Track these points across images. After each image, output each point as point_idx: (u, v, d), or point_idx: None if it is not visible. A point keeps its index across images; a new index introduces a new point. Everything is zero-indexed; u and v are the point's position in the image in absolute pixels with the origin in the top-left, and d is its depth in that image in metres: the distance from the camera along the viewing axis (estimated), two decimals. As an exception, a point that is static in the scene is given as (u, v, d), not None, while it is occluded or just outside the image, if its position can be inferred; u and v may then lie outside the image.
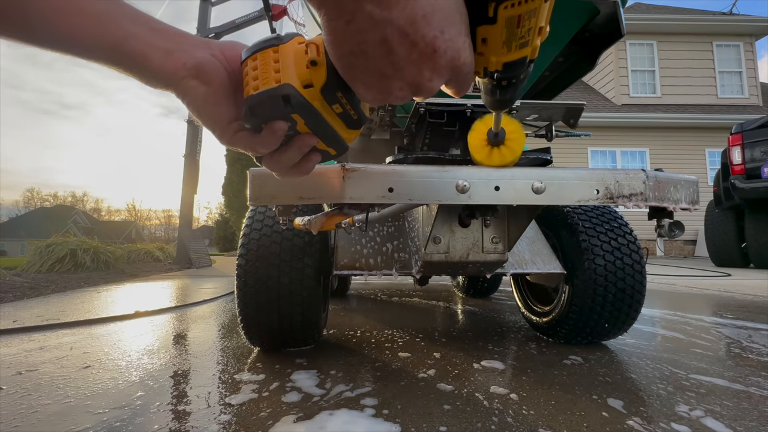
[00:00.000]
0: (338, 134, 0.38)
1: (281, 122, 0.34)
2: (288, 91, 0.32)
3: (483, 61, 0.32)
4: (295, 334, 1.10)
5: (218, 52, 0.34)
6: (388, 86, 0.30)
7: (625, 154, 10.28)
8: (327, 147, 0.39)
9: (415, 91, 0.31)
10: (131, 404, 0.79)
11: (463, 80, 0.32)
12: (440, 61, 0.28)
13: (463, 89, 0.33)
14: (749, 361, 1.09)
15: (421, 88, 0.30)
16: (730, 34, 10.75)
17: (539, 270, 1.16)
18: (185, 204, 5.90)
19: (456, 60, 0.29)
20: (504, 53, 0.31)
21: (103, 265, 4.39)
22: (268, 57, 0.33)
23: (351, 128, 0.39)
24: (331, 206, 0.91)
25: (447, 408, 0.76)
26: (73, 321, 1.62)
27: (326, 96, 0.34)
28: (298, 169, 0.39)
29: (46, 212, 37.15)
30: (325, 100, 0.34)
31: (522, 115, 1.08)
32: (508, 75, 0.33)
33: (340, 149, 0.41)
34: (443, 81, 0.31)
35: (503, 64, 0.32)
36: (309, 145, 0.37)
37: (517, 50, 0.30)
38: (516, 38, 0.29)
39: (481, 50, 0.31)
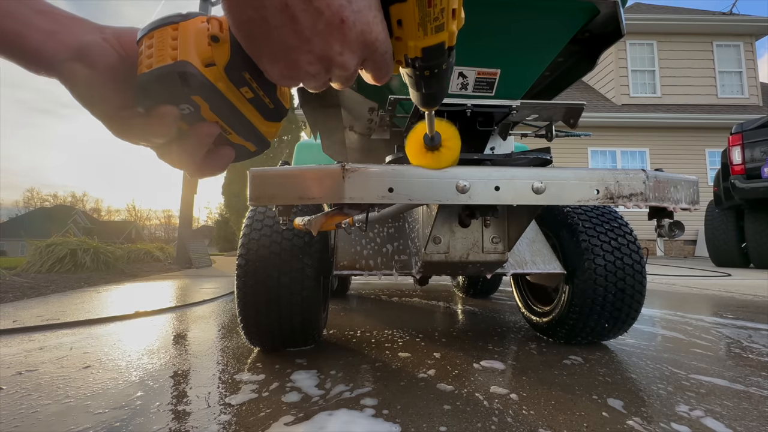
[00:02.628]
0: (254, 125, 0.35)
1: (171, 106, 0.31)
2: (185, 69, 0.29)
3: (402, 47, 0.31)
4: (295, 334, 1.10)
5: (111, 36, 0.32)
6: (296, 60, 0.28)
7: (625, 154, 10.28)
8: (243, 141, 0.36)
9: (327, 66, 0.29)
10: (131, 404, 0.79)
11: (381, 62, 0.30)
12: (350, 34, 0.27)
13: (382, 74, 0.31)
14: (749, 361, 1.09)
15: (333, 63, 0.29)
16: (730, 34, 10.75)
17: (539, 270, 1.16)
18: (185, 204, 5.91)
19: (367, 34, 0.28)
20: (421, 37, 0.30)
21: (103, 265, 4.39)
22: (165, 34, 0.30)
23: (269, 120, 0.36)
24: (331, 206, 0.91)
25: (447, 408, 0.76)
26: (73, 321, 1.62)
27: (231, 76, 0.31)
28: (207, 165, 0.36)
29: (46, 212, 37.16)
30: (230, 82, 0.31)
31: (522, 115, 1.08)
32: (429, 63, 0.33)
33: (260, 144, 0.38)
34: (357, 58, 0.29)
35: (422, 50, 0.31)
36: (211, 134, 0.33)
37: (434, 34, 0.30)
38: (430, 19, 0.29)
39: (398, 34, 0.30)
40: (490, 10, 0.78)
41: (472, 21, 0.79)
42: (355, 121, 1.20)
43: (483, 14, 0.78)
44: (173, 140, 0.33)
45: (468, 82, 0.86)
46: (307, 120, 1.19)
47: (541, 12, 0.79)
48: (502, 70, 0.85)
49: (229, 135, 0.35)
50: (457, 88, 0.87)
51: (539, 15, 0.79)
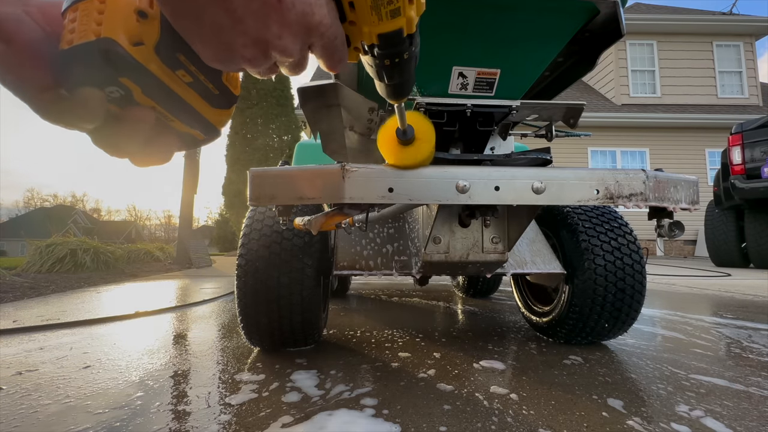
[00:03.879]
0: (198, 112, 0.33)
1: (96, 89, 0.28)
2: (108, 47, 0.26)
3: (357, 33, 0.30)
4: (295, 334, 1.10)
5: (35, 9, 0.29)
6: (229, 42, 0.25)
7: (625, 154, 10.28)
8: (189, 129, 0.34)
9: (264, 50, 0.26)
10: (131, 404, 0.79)
11: (330, 48, 0.28)
12: (288, 15, 0.25)
13: (333, 61, 0.29)
14: (749, 361, 1.09)
15: (271, 47, 0.26)
16: (730, 34, 10.76)
17: (539, 270, 1.16)
18: (185, 204, 5.91)
19: (309, 17, 0.25)
20: (375, 22, 0.28)
21: (103, 265, 4.39)
22: (91, 7, 0.27)
23: (216, 107, 0.34)
24: (331, 206, 0.91)
25: (447, 408, 0.76)
26: (73, 321, 1.62)
27: (164, 58, 0.28)
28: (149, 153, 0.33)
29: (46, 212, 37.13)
30: (164, 64, 0.29)
31: (522, 115, 1.08)
32: (388, 51, 0.31)
33: (208, 132, 0.35)
34: (299, 42, 0.27)
35: (378, 36, 0.29)
36: (146, 120, 0.30)
37: (389, 19, 0.28)
38: (384, 3, 0.27)
39: (351, 18, 0.29)
40: (490, 10, 0.78)
41: (472, 21, 0.79)
42: (355, 121, 1.20)
43: (483, 14, 0.78)
44: (105, 125, 0.30)
45: (468, 82, 0.86)
46: (307, 120, 1.19)
47: (541, 12, 0.79)
48: (502, 70, 0.85)
49: (171, 122, 0.32)
50: (457, 88, 0.87)
51: (539, 15, 0.79)
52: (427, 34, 0.80)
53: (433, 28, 0.79)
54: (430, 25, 0.79)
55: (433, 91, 0.87)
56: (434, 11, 0.78)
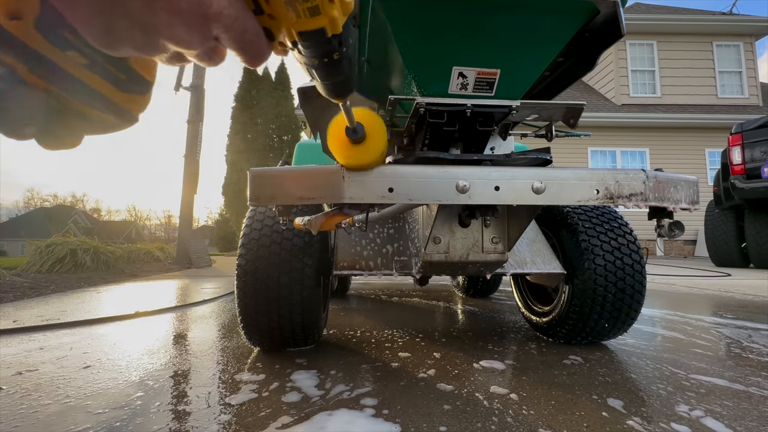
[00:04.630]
0: (104, 95, 0.30)
1: None
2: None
3: (278, 27, 0.28)
4: (295, 334, 1.10)
5: None
6: (109, 24, 0.23)
7: (625, 154, 10.28)
8: (99, 113, 0.31)
9: (153, 37, 0.24)
10: (131, 404, 0.79)
11: (238, 41, 0.26)
12: (179, 3, 0.22)
13: (246, 54, 0.27)
14: (749, 361, 1.09)
15: (162, 35, 0.24)
16: (730, 34, 10.75)
17: (539, 270, 1.16)
18: (185, 204, 5.91)
19: (206, 7, 0.23)
20: (293, 20, 0.26)
21: (103, 265, 4.39)
22: None
23: (126, 91, 0.31)
24: (331, 206, 0.91)
25: (447, 408, 0.76)
26: (73, 321, 1.62)
27: (48, 35, 0.25)
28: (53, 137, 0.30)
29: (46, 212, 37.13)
30: (49, 42, 0.26)
31: (522, 115, 1.07)
32: (315, 50, 0.29)
33: (122, 117, 0.32)
34: (198, 34, 0.24)
35: (298, 34, 0.28)
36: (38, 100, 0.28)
37: (308, 17, 0.26)
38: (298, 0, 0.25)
39: (269, 11, 0.26)
40: (490, 10, 0.78)
41: (472, 21, 0.79)
42: (355, 121, 1.20)
43: (483, 14, 0.78)
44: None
45: (468, 82, 0.86)
46: (307, 120, 1.19)
47: (541, 12, 0.79)
48: (502, 70, 0.85)
49: (74, 104, 0.30)
50: (457, 88, 0.87)
51: (539, 15, 0.79)
52: (427, 34, 0.80)
53: (433, 28, 0.79)
54: (430, 25, 0.79)
55: (433, 91, 0.87)
56: (434, 11, 0.78)
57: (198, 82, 6.17)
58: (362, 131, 0.60)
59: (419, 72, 0.85)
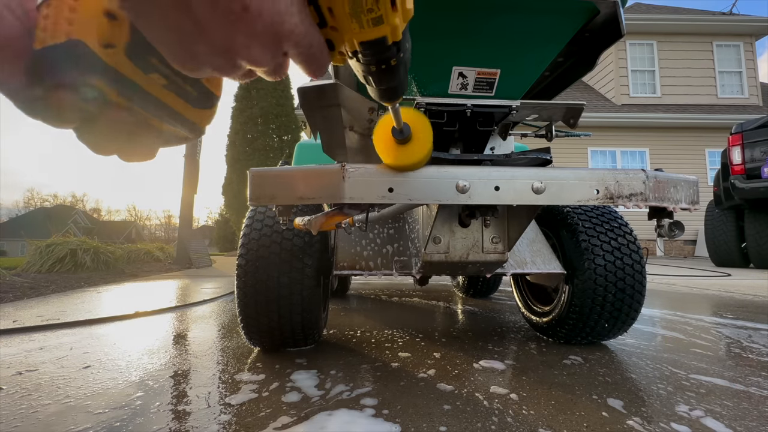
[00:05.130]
0: (177, 111, 0.32)
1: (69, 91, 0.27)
2: (77, 49, 0.25)
3: (339, 38, 0.29)
4: (295, 334, 1.10)
5: (15, 2, 0.27)
6: (193, 50, 0.25)
7: (625, 154, 10.28)
8: (170, 127, 0.33)
9: (232, 59, 0.26)
10: (131, 404, 0.79)
11: (306, 56, 0.27)
12: (256, 25, 0.24)
13: (311, 67, 0.28)
14: (749, 361, 1.09)
15: (239, 56, 0.25)
16: (730, 34, 10.75)
17: (539, 270, 1.16)
18: (185, 204, 5.91)
19: (279, 26, 0.24)
20: (356, 30, 0.27)
21: (103, 265, 4.39)
22: (63, 5, 0.26)
23: (197, 107, 0.33)
24: (331, 206, 0.91)
25: (447, 408, 0.76)
26: (73, 321, 1.62)
27: (135, 60, 0.27)
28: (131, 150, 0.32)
29: (46, 212, 37.12)
30: (136, 66, 0.28)
31: (522, 115, 1.08)
32: (373, 58, 0.30)
33: (192, 130, 0.35)
34: (270, 51, 0.26)
35: (360, 44, 0.28)
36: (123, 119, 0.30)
37: (371, 27, 0.27)
38: (363, 10, 0.26)
39: (332, 24, 0.27)
40: (490, 11, 0.78)
41: (472, 21, 0.79)
42: (355, 121, 1.20)
43: (483, 14, 0.78)
44: (85, 123, 0.29)
45: (468, 82, 0.86)
46: (307, 120, 1.19)
47: (541, 12, 0.79)
48: (502, 70, 0.85)
49: (151, 120, 0.32)
50: (457, 88, 0.87)
51: (539, 15, 0.79)
52: (427, 34, 0.80)
53: (433, 28, 0.79)
54: (430, 25, 0.79)
55: (433, 91, 0.87)
56: (434, 11, 0.78)
57: (198, 82, 6.16)
58: (408, 132, 0.60)
59: (419, 72, 0.85)
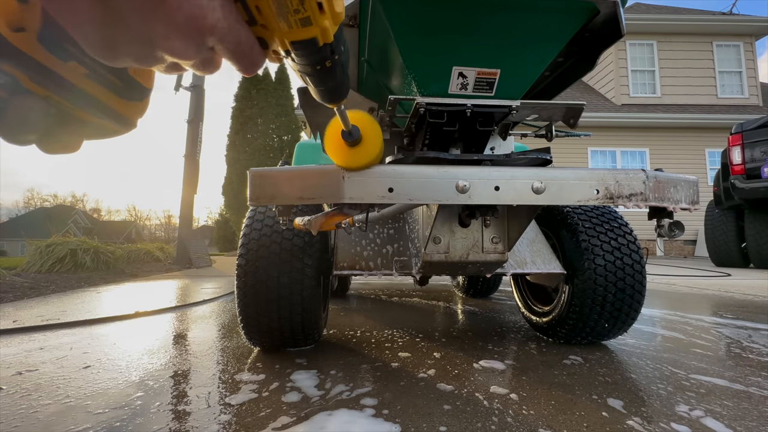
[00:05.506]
0: (103, 102, 0.31)
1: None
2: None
3: (271, 37, 0.28)
4: (295, 334, 1.10)
5: None
6: (111, 37, 0.23)
7: (625, 154, 10.28)
8: (96, 119, 0.32)
9: (151, 49, 0.25)
10: (131, 404, 0.79)
11: (234, 52, 0.27)
12: (176, 16, 0.23)
13: (241, 63, 0.28)
14: (749, 361, 1.09)
15: (159, 47, 0.25)
16: (730, 34, 10.75)
17: (539, 270, 1.16)
18: (185, 204, 5.91)
19: (201, 20, 0.24)
20: (285, 30, 0.27)
21: (103, 265, 4.39)
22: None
23: (125, 98, 0.32)
24: (331, 206, 0.91)
25: (447, 408, 0.76)
26: (73, 321, 1.62)
27: (49, 46, 0.26)
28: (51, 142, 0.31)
29: (46, 212, 37.11)
30: (50, 53, 0.27)
31: (522, 115, 1.07)
32: (307, 59, 0.30)
33: (120, 124, 0.33)
34: (194, 45, 0.25)
35: (291, 44, 0.28)
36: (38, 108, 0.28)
37: (300, 27, 0.27)
38: (290, 11, 0.26)
39: (262, 22, 0.27)
40: (490, 10, 0.78)
41: (472, 21, 0.79)
42: (355, 121, 1.20)
43: (483, 14, 0.78)
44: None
45: (468, 82, 0.86)
46: (307, 120, 1.19)
47: (541, 12, 0.79)
48: (502, 70, 0.85)
49: (73, 111, 0.30)
50: (457, 88, 0.87)
51: (539, 15, 0.79)
52: (427, 34, 0.80)
53: (433, 28, 0.79)
54: (430, 25, 0.79)
55: (433, 91, 0.87)
56: (434, 11, 0.78)
57: (198, 82, 6.17)
58: (358, 134, 0.62)
59: (419, 72, 0.85)
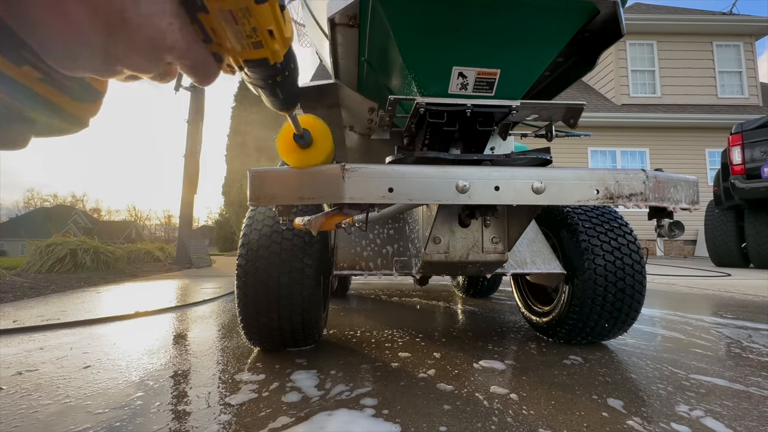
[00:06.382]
0: (56, 104, 0.31)
1: None
2: None
3: (224, 53, 0.31)
4: (295, 334, 1.10)
5: None
6: (72, 51, 0.24)
7: (625, 154, 10.28)
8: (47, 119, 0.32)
9: (112, 65, 0.26)
10: (131, 404, 0.79)
11: (191, 67, 0.29)
12: (135, 37, 0.24)
13: (198, 77, 0.30)
14: (749, 361, 1.09)
15: (120, 63, 0.26)
16: (730, 34, 10.75)
17: (539, 270, 1.16)
18: (185, 204, 5.91)
19: (159, 41, 0.25)
20: (238, 50, 0.29)
21: (103, 265, 4.39)
22: None
23: (78, 100, 0.33)
24: (331, 206, 0.91)
25: (447, 408, 0.76)
26: (73, 321, 1.62)
27: (5, 52, 0.27)
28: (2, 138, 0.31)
29: (46, 212, 37.11)
30: (5, 58, 0.27)
31: (522, 115, 1.08)
32: (259, 75, 0.33)
33: (72, 123, 0.34)
34: (153, 61, 0.27)
35: (244, 62, 0.31)
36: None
37: (252, 49, 0.29)
38: (243, 36, 0.28)
39: (217, 41, 0.29)
40: (490, 10, 0.78)
41: (472, 21, 0.79)
42: (355, 121, 1.20)
43: (483, 14, 0.78)
44: None
45: (468, 82, 0.86)
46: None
47: (541, 12, 0.79)
48: (502, 70, 0.85)
49: (24, 111, 0.31)
50: (457, 88, 0.87)
51: (539, 15, 0.79)
52: (427, 34, 0.80)
53: (433, 28, 0.79)
54: (430, 25, 0.79)
55: (433, 91, 0.87)
56: (434, 11, 0.78)
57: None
58: (309, 137, 0.65)
59: (419, 72, 0.85)
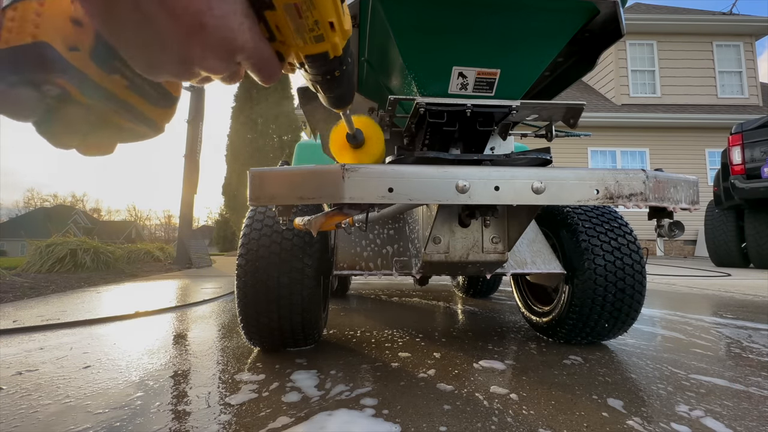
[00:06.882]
0: (138, 109, 0.34)
1: (31, 88, 0.28)
2: (44, 51, 0.27)
3: (287, 51, 0.32)
4: (295, 334, 1.10)
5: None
6: (155, 59, 0.27)
7: (625, 154, 10.28)
8: (132, 125, 0.35)
9: (189, 67, 0.28)
10: (131, 404, 0.79)
11: (258, 65, 0.30)
12: (211, 40, 0.26)
13: (263, 76, 0.32)
14: (749, 361, 1.09)
15: (196, 65, 0.28)
16: (730, 34, 10.75)
17: (539, 270, 1.16)
18: (185, 204, 5.90)
19: (232, 41, 0.27)
20: (301, 45, 0.30)
21: (103, 265, 4.38)
22: (29, 9, 0.28)
23: (157, 106, 0.35)
24: (331, 206, 0.91)
25: (447, 408, 0.76)
26: (73, 321, 1.62)
27: (100, 63, 0.30)
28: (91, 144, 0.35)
29: (46, 212, 37.10)
30: (100, 69, 0.30)
31: (522, 115, 1.07)
32: (319, 70, 0.34)
33: (152, 128, 0.37)
34: (225, 62, 0.28)
35: (305, 57, 0.32)
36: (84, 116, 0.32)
37: (314, 44, 0.30)
38: (306, 30, 0.29)
39: (280, 38, 0.30)
40: (490, 10, 0.78)
41: (472, 21, 0.79)
42: (355, 121, 1.20)
43: (483, 14, 0.78)
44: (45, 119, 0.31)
45: (468, 82, 0.86)
46: (307, 120, 1.19)
47: (541, 12, 0.79)
48: (502, 70, 0.85)
49: (112, 117, 0.34)
50: (457, 88, 0.87)
51: (539, 15, 0.80)
52: (427, 34, 0.80)
53: (433, 28, 0.79)
54: (430, 25, 0.79)
55: (433, 91, 0.87)
56: (434, 11, 0.78)
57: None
58: (361, 137, 0.66)
59: (419, 72, 0.85)
